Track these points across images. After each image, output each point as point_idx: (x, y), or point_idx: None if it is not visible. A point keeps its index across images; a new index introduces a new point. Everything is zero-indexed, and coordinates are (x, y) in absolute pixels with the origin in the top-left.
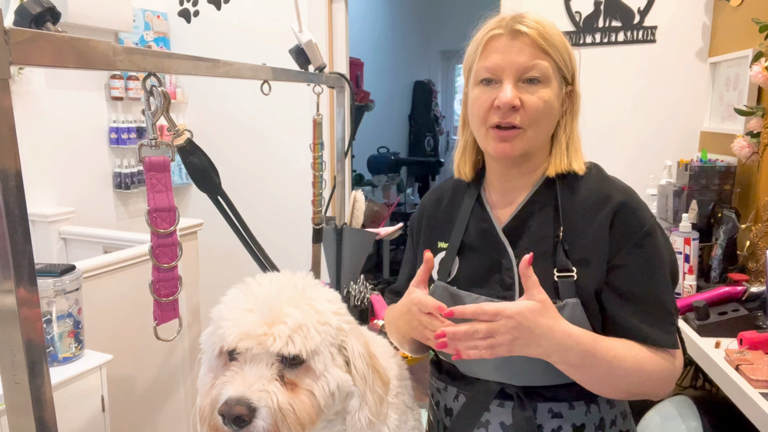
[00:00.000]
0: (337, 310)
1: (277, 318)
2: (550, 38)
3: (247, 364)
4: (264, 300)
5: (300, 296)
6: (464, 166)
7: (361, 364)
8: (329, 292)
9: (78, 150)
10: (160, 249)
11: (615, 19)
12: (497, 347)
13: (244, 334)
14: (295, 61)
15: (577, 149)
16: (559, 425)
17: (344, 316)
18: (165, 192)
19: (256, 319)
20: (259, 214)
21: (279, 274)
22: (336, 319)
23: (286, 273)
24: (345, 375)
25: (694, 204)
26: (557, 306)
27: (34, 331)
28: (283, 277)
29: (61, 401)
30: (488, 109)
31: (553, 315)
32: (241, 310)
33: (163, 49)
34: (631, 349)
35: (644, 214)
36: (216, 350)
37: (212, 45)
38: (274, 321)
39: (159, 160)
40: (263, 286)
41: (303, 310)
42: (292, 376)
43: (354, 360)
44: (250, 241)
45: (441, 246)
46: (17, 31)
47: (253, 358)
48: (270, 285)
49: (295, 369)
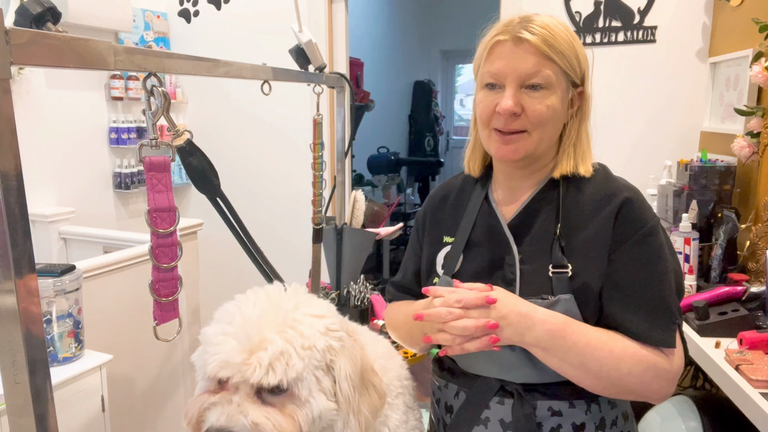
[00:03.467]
0: (328, 327)
1: (257, 345)
2: (555, 44)
3: (231, 390)
4: (245, 325)
5: (284, 319)
6: (473, 163)
7: (347, 386)
8: (320, 305)
9: (78, 150)
10: (160, 249)
11: (615, 19)
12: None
13: (224, 362)
14: (295, 61)
15: (585, 151)
16: (559, 423)
17: (335, 332)
18: (165, 192)
19: (235, 346)
20: (260, 214)
21: (267, 292)
22: (324, 340)
23: (275, 289)
24: (329, 403)
25: (694, 204)
26: (550, 301)
27: (34, 331)
28: (270, 296)
29: (61, 401)
30: (491, 113)
31: (514, 296)
32: (223, 335)
33: (163, 49)
34: (614, 339)
35: (648, 213)
36: (202, 374)
37: (212, 45)
38: (253, 349)
39: (159, 160)
40: (247, 307)
41: (286, 335)
42: (274, 401)
43: (340, 382)
44: (248, 243)
45: (447, 240)
46: (18, 31)
47: (236, 385)
48: (254, 307)
49: (279, 396)
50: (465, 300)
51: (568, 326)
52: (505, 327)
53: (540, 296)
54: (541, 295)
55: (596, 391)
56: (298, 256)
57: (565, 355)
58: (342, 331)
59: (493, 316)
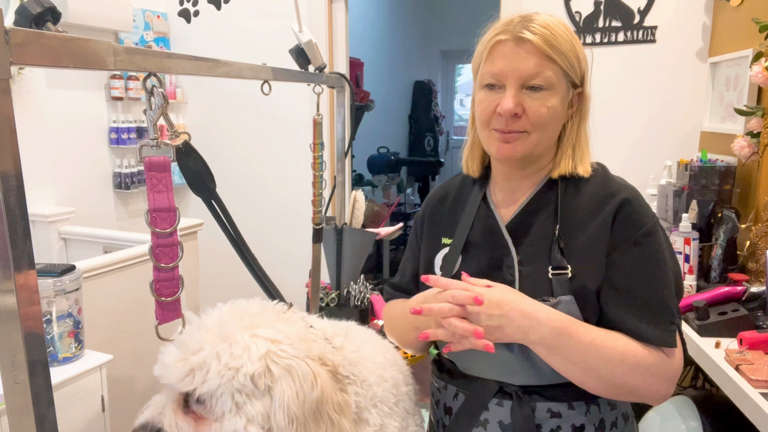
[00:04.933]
0: (272, 352)
1: (188, 354)
2: (556, 44)
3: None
4: (191, 333)
5: (225, 334)
6: (472, 163)
7: (282, 415)
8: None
9: (78, 150)
10: (160, 249)
11: (615, 19)
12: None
13: (161, 365)
14: (295, 61)
15: (584, 152)
16: (558, 425)
17: (283, 359)
18: (165, 192)
19: (175, 352)
20: (260, 214)
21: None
22: (260, 364)
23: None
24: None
25: (694, 204)
26: (551, 303)
27: (34, 331)
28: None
29: (61, 401)
30: (491, 114)
31: (519, 293)
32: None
33: (163, 49)
34: (616, 339)
35: (647, 213)
36: None
37: (212, 45)
38: (187, 357)
39: (159, 160)
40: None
41: (216, 349)
42: (197, 411)
43: (275, 409)
44: (242, 247)
45: (445, 242)
46: (18, 31)
47: (168, 389)
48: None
49: (201, 405)
50: (457, 297)
51: (573, 324)
52: (507, 325)
53: (541, 298)
54: (542, 296)
55: (597, 392)
56: (298, 256)
57: (569, 353)
58: (296, 359)
59: (496, 314)
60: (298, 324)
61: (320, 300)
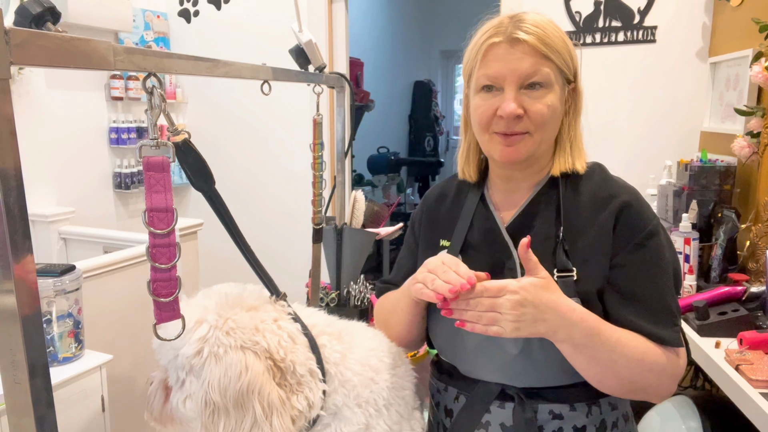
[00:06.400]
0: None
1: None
2: (550, 42)
3: None
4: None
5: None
6: (468, 168)
7: (199, 399)
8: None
9: (78, 150)
10: (157, 249)
11: (615, 19)
12: (503, 323)
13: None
14: (295, 61)
15: (580, 148)
16: (560, 426)
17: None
18: (163, 192)
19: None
20: (260, 214)
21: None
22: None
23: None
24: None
25: (694, 204)
26: None
27: (34, 331)
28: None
29: (61, 401)
30: (491, 117)
31: (555, 290)
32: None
33: (163, 49)
34: (635, 338)
35: (648, 215)
36: None
37: (212, 45)
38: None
39: (158, 160)
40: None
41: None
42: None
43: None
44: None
45: (443, 244)
46: (17, 31)
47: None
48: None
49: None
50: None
51: (602, 323)
52: (539, 324)
53: None
54: None
55: (611, 390)
56: (297, 256)
57: (596, 352)
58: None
59: (530, 312)
60: (265, 315)
61: (320, 300)
